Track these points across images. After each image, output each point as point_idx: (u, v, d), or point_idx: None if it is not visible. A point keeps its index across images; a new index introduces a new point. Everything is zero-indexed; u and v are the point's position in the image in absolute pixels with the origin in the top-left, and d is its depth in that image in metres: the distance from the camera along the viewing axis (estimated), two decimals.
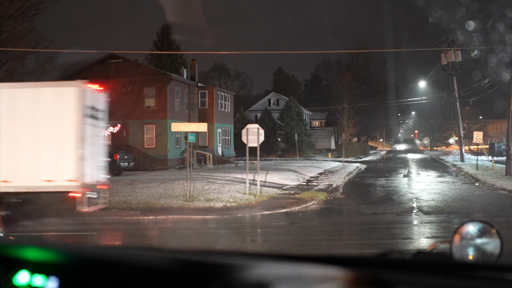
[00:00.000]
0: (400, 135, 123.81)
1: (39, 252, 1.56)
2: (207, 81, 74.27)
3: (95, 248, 1.88)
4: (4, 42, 26.65)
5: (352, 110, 62.33)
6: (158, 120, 35.71)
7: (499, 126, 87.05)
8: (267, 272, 1.33)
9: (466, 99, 57.29)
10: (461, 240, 1.84)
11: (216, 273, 1.34)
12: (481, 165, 33.92)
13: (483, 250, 1.82)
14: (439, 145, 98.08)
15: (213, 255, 1.55)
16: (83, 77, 37.26)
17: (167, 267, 1.40)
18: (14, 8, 26.98)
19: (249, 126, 19.95)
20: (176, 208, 16.43)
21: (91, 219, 14.84)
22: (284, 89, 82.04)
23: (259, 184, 20.41)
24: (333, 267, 1.37)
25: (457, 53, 41.35)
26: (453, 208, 16.18)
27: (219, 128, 42.41)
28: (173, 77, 36.57)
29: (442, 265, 1.56)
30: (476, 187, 22.96)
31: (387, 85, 72.68)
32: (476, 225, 1.87)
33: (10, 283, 1.45)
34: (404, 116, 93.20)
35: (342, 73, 65.00)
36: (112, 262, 1.49)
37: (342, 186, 24.09)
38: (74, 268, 1.49)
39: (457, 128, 46.39)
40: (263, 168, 29.89)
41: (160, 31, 51.06)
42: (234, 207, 16.92)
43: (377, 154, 69.97)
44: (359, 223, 14.52)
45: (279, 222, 14.61)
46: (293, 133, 54.74)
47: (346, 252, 10.26)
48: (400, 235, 12.55)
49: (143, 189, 20.26)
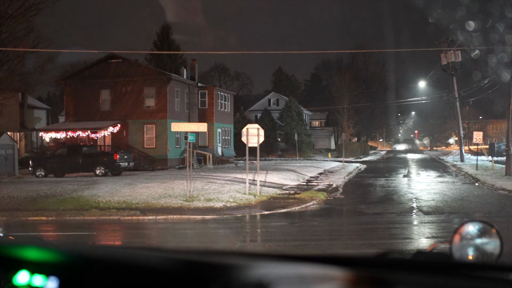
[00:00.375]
0: (400, 135, 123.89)
1: (39, 252, 1.56)
2: (207, 81, 74.30)
3: (95, 248, 1.88)
4: (4, 42, 26.65)
5: (352, 110, 62.33)
6: (158, 120, 35.71)
7: (499, 126, 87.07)
8: (267, 272, 1.33)
9: (466, 99, 57.35)
10: (461, 240, 1.84)
11: (216, 273, 1.34)
12: (481, 165, 33.92)
13: (483, 250, 1.82)
14: (439, 145, 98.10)
15: (213, 255, 1.55)
16: (83, 77, 37.40)
17: (167, 267, 1.40)
18: (14, 8, 26.98)
19: (249, 126, 19.95)
20: (176, 208, 16.44)
21: (91, 219, 14.86)
22: (284, 89, 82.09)
23: (259, 184, 20.41)
24: (333, 267, 1.37)
25: (457, 53, 41.34)
26: (453, 208, 16.18)
27: (219, 128, 42.41)
28: (173, 77, 36.57)
29: (442, 265, 1.56)
30: (476, 187, 22.96)
31: (387, 85, 72.70)
32: (476, 225, 1.87)
33: (10, 283, 1.45)
34: (404, 116, 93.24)
35: (342, 73, 64.99)
36: (112, 262, 1.49)
37: (342, 186, 24.09)
38: (74, 268, 1.49)
39: (457, 128, 46.38)
40: (263, 168, 29.90)
41: (160, 31, 51.06)
42: (234, 207, 16.92)
43: (377, 154, 69.98)
44: (359, 223, 14.52)
45: (279, 222, 14.61)
46: (293, 133, 54.76)
47: (346, 252, 10.26)
48: (400, 235, 12.55)
49: (143, 189, 20.26)
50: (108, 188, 20.25)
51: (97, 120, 36.00)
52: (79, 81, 37.28)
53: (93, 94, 36.65)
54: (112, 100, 36.59)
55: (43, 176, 27.77)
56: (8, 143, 29.49)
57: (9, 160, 29.02)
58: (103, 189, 19.90)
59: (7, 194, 18.89)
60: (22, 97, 39.86)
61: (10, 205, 17.10)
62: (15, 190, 19.86)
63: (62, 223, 14.73)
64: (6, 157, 28.79)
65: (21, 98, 39.51)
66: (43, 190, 19.84)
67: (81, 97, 36.82)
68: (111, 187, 20.39)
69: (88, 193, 19.00)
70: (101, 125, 34.54)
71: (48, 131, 35.08)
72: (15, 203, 17.39)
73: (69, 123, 36.61)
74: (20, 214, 15.53)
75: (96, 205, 16.94)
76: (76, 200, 17.76)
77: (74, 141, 34.46)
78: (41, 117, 48.05)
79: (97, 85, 36.58)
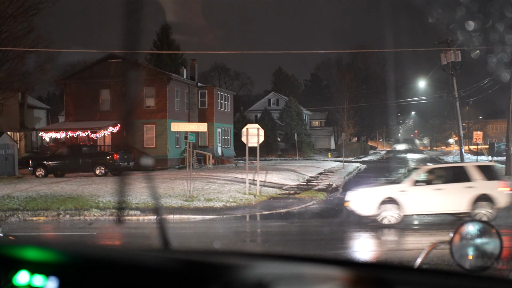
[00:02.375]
0: (400, 135, 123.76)
1: (39, 252, 1.56)
2: (207, 81, 74.25)
3: (95, 248, 1.88)
4: (4, 42, 26.65)
5: (352, 110, 62.31)
6: (158, 120, 35.70)
7: (499, 126, 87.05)
8: (267, 272, 1.33)
9: (466, 99, 57.27)
10: (461, 240, 1.85)
11: (216, 273, 1.34)
12: None
13: (482, 250, 1.82)
14: (439, 145, 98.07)
15: (213, 255, 1.54)
16: (83, 76, 37.39)
17: (167, 267, 1.40)
18: (14, 8, 26.97)
19: (249, 126, 19.95)
20: (176, 208, 16.44)
21: (91, 219, 14.85)
22: (284, 89, 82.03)
23: (259, 184, 20.40)
24: (333, 267, 1.37)
25: (457, 53, 41.31)
26: None
27: (219, 128, 42.40)
28: (173, 77, 36.56)
29: (442, 265, 1.56)
30: None
31: (387, 85, 72.60)
32: (476, 225, 1.88)
33: (10, 283, 1.45)
34: (404, 116, 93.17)
35: (342, 73, 64.96)
36: (112, 262, 1.49)
37: (342, 186, 24.08)
38: (74, 268, 1.49)
39: (456, 128, 46.33)
40: (263, 168, 29.89)
41: (160, 31, 51.03)
42: (234, 207, 16.92)
43: (377, 154, 69.97)
44: (359, 223, 14.52)
45: (279, 222, 14.61)
46: (293, 133, 54.74)
47: (346, 252, 10.26)
48: (399, 235, 12.55)
49: (142, 189, 20.24)
50: (108, 188, 20.24)
51: (97, 120, 35.99)
52: (79, 81, 37.28)
53: (93, 94, 36.63)
54: (112, 100, 36.58)
55: (43, 176, 27.75)
56: (8, 143, 29.48)
57: (9, 160, 29.00)
58: (103, 189, 19.89)
59: (7, 194, 18.89)
60: (22, 97, 39.83)
61: (10, 205, 17.09)
62: (15, 190, 19.85)
63: (62, 223, 14.74)
64: (6, 157, 28.78)
65: (21, 98, 39.48)
66: (43, 190, 19.83)
67: (81, 97, 36.80)
68: (111, 187, 20.38)
69: (88, 193, 18.99)
70: (101, 125, 34.53)
71: (48, 131, 35.08)
72: (15, 203, 17.38)
73: (69, 123, 36.60)
74: (20, 214, 15.53)
75: (96, 205, 16.93)
76: (76, 200, 17.75)
77: (74, 141, 34.45)
78: (41, 117, 48.03)
79: (97, 85, 36.57)
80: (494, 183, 13.55)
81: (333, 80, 70.53)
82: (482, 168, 13.83)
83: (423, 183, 13.55)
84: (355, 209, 13.51)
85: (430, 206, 13.35)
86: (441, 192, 13.32)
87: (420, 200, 13.22)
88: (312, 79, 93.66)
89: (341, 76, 63.80)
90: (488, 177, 13.56)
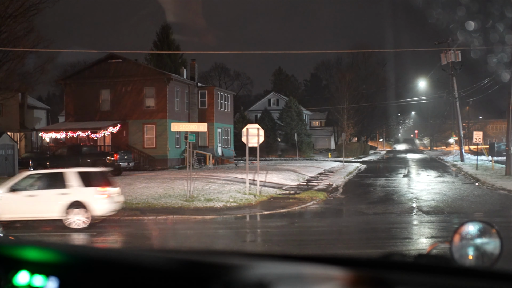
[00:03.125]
0: (400, 135, 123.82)
1: (39, 252, 1.56)
2: (207, 81, 74.27)
3: (95, 248, 1.88)
4: (4, 42, 26.64)
5: (352, 110, 62.30)
6: (158, 120, 35.71)
7: (499, 126, 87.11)
8: (267, 272, 1.33)
9: (466, 99, 57.32)
10: (461, 240, 1.84)
11: (216, 273, 1.34)
12: (481, 165, 33.91)
13: (483, 250, 1.82)
14: (439, 145, 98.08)
15: (213, 255, 1.55)
16: (83, 77, 37.40)
17: (167, 267, 1.40)
18: (14, 8, 26.95)
19: (249, 126, 19.95)
20: (176, 208, 16.44)
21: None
22: (284, 89, 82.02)
23: (259, 184, 20.41)
24: (333, 267, 1.37)
25: (457, 53, 41.36)
26: (453, 208, 16.19)
27: (219, 128, 42.41)
28: (173, 77, 36.56)
29: (442, 265, 1.56)
30: (476, 187, 22.97)
31: (387, 85, 72.65)
32: (476, 225, 1.88)
33: (10, 283, 1.45)
34: (404, 116, 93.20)
35: (342, 73, 64.95)
36: (112, 262, 1.49)
37: (342, 186, 24.09)
38: (74, 268, 1.49)
39: (457, 128, 46.40)
40: (263, 168, 29.89)
41: (160, 31, 51.04)
42: (234, 207, 16.93)
43: (377, 154, 69.97)
44: (359, 223, 14.53)
45: (279, 222, 14.62)
46: (293, 133, 54.74)
47: (346, 252, 10.26)
48: (400, 235, 12.55)
49: (143, 189, 20.26)
50: None
51: (97, 120, 35.99)
52: (79, 81, 37.28)
53: (93, 94, 36.64)
54: (112, 100, 36.59)
55: None
56: (8, 143, 29.49)
57: (9, 160, 29.00)
58: None
59: None
60: (22, 97, 39.83)
61: None
62: None
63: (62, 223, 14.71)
64: (6, 157, 28.78)
65: (21, 98, 39.48)
66: None
67: (81, 97, 36.80)
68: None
69: None
70: (101, 125, 34.54)
71: (48, 131, 35.08)
72: None
73: (69, 123, 36.60)
74: None
75: None
76: None
77: (74, 141, 34.45)
78: (41, 117, 48.04)
79: (97, 85, 36.58)
80: (91, 189, 13.34)
81: (333, 80, 70.56)
82: (82, 175, 13.57)
83: (20, 190, 13.45)
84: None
85: (22, 212, 13.31)
86: (34, 198, 13.35)
87: (12, 206, 13.07)
88: (312, 79, 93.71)
89: (341, 76, 63.80)
90: (86, 184, 13.40)
